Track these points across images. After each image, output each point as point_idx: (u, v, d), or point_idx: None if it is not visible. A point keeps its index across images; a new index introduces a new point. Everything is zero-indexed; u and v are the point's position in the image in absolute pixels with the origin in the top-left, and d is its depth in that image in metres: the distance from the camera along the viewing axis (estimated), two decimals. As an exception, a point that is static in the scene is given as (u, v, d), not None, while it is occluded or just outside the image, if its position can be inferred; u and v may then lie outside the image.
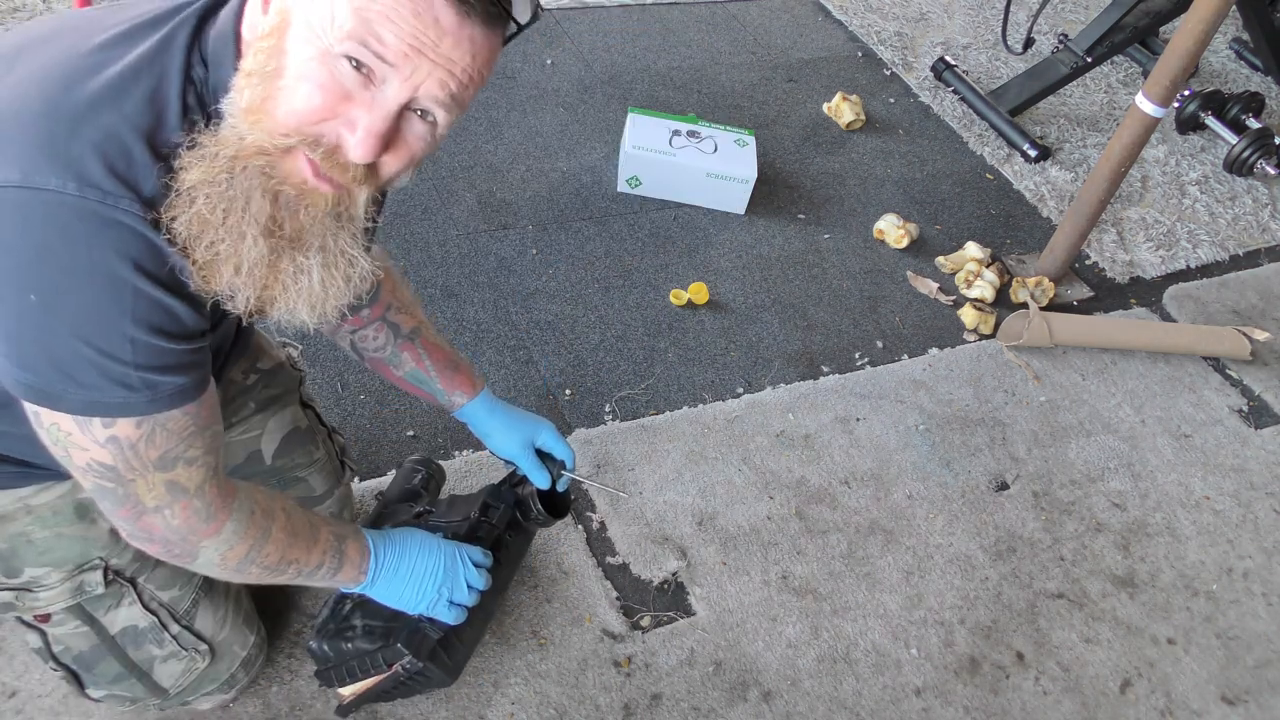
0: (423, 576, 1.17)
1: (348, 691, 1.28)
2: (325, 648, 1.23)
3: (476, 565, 1.23)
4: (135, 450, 0.85)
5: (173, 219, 0.77)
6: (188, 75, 0.80)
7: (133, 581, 1.14)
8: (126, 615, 1.15)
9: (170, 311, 0.80)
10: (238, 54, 0.80)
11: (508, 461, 1.36)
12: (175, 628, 1.19)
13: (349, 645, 1.22)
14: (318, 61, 0.75)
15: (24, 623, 1.14)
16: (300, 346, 1.48)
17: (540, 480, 1.33)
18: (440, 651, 1.22)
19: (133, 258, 0.76)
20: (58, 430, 0.83)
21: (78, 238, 0.75)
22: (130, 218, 0.75)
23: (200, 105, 0.81)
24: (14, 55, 0.80)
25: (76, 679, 1.19)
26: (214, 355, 1.00)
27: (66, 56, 0.78)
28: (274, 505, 1.02)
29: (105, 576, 1.11)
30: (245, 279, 0.80)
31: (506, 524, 1.37)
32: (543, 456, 1.35)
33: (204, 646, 1.23)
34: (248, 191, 0.78)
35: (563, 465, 1.37)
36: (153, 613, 1.16)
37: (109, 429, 0.83)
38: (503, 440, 1.32)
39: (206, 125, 0.79)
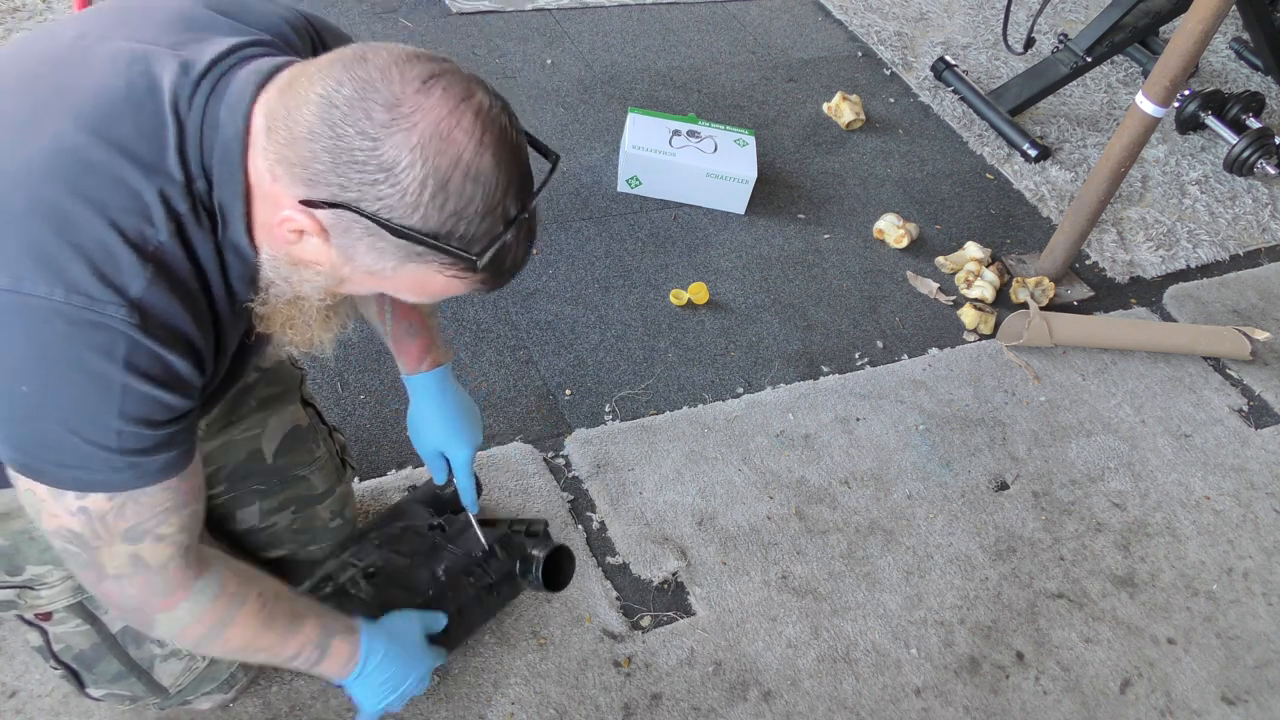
0: (399, 682, 1.17)
1: None
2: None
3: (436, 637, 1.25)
4: (104, 521, 0.86)
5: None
6: (189, 189, 0.81)
7: None
8: None
9: (159, 402, 0.82)
10: (246, 202, 0.82)
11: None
12: None
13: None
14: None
15: (25, 621, 1.14)
16: (300, 346, 1.47)
17: (437, 475, 1.33)
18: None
19: (121, 359, 0.78)
20: (32, 495, 0.85)
21: (67, 342, 0.77)
22: (117, 322, 0.77)
23: (194, 208, 0.81)
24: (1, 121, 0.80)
25: (76, 677, 1.19)
26: (225, 379, 1.02)
27: (51, 147, 0.78)
28: (248, 590, 0.99)
29: None
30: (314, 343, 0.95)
31: (502, 575, 1.38)
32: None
33: None
34: (319, 311, 0.91)
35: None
36: None
37: (81, 500, 0.84)
38: (416, 429, 1.30)
39: (197, 221, 0.82)
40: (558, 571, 1.40)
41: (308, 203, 0.76)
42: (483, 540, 1.34)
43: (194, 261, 0.83)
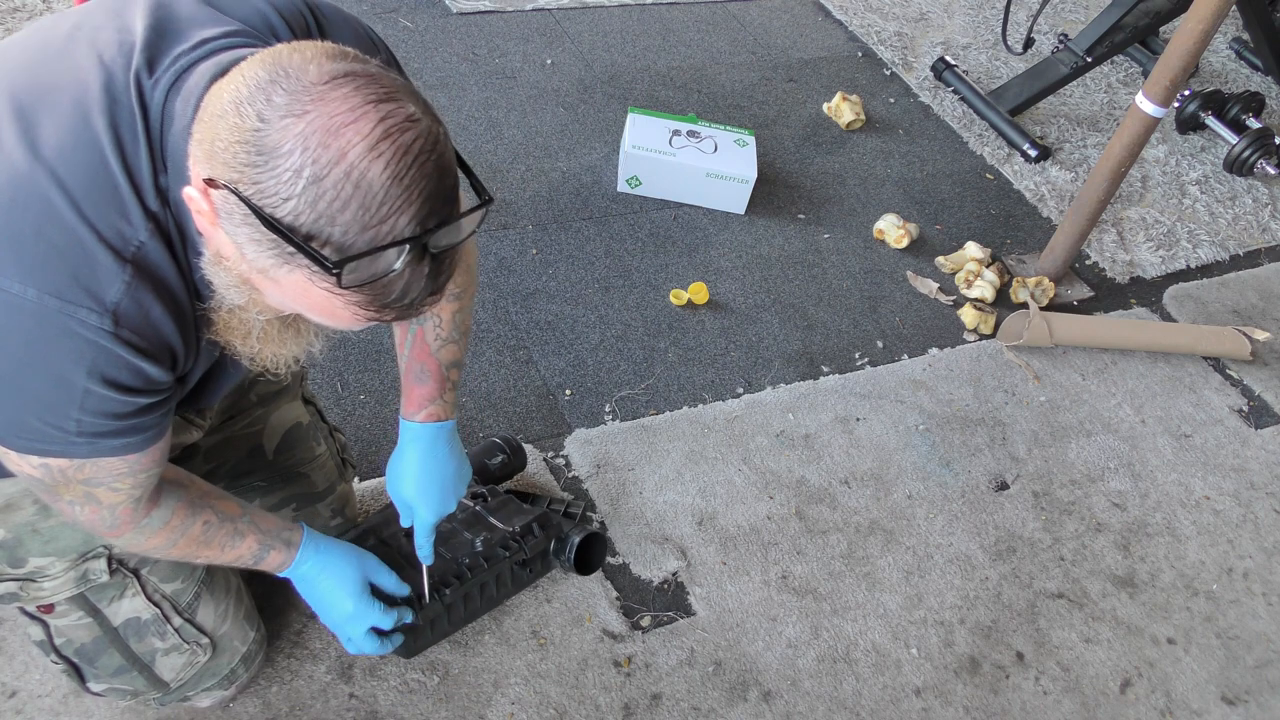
0: (323, 606, 1.22)
1: None
2: None
3: (389, 597, 1.25)
4: (64, 474, 0.89)
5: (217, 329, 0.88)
6: (156, 184, 0.80)
7: (136, 573, 1.15)
8: (130, 607, 1.16)
9: (122, 401, 0.83)
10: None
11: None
12: (178, 620, 1.19)
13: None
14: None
15: (27, 614, 1.15)
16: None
17: (403, 519, 1.29)
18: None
19: (86, 366, 0.79)
20: None
21: (33, 339, 0.77)
22: (86, 328, 0.78)
23: (164, 206, 0.81)
24: None
25: (78, 672, 1.20)
26: (204, 383, 1.02)
27: (34, 140, 0.78)
28: (193, 521, 1.04)
29: (109, 565, 1.11)
30: (264, 358, 0.92)
31: (536, 553, 1.44)
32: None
33: (205, 640, 1.23)
34: (266, 326, 0.89)
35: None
36: (155, 604, 1.17)
37: (44, 460, 0.87)
38: (392, 476, 1.25)
39: (167, 216, 0.81)
40: (589, 555, 1.48)
41: (207, 182, 0.73)
42: (425, 590, 1.32)
43: (174, 258, 0.82)
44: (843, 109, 2.71)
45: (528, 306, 2.03)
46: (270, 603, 1.43)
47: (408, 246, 0.72)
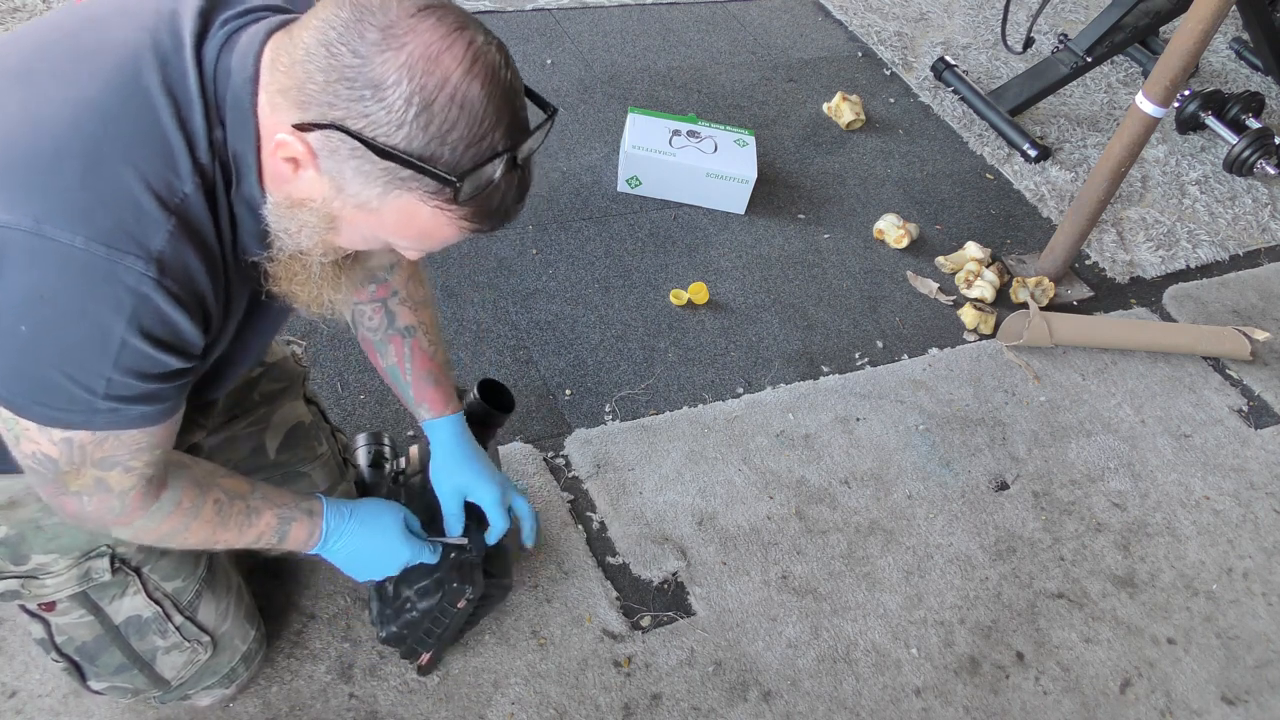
0: (370, 560, 1.19)
1: (427, 654, 1.35)
2: (395, 629, 1.28)
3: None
4: (84, 450, 0.88)
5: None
6: (210, 138, 0.82)
7: (138, 571, 1.15)
8: (131, 605, 1.16)
9: (155, 359, 0.83)
10: (257, 150, 0.82)
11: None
12: (179, 618, 1.20)
13: (414, 614, 1.27)
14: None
15: (28, 612, 1.15)
16: (304, 344, 1.48)
17: (454, 527, 1.27)
18: (485, 571, 1.30)
19: (127, 314, 0.79)
20: (15, 423, 0.86)
21: (78, 289, 0.77)
22: (133, 276, 0.78)
23: (214, 159, 0.82)
24: (24, 79, 0.81)
25: (78, 670, 1.20)
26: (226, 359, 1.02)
27: (78, 93, 0.79)
28: (204, 499, 1.02)
29: (112, 564, 1.11)
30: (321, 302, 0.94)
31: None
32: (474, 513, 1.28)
33: (206, 638, 1.23)
34: (324, 269, 0.92)
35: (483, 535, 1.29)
36: (157, 603, 1.17)
37: (65, 433, 0.86)
38: (440, 474, 1.26)
39: (216, 172, 0.82)
40: (499, 396, 1.37)
41: (299, 126, 0.76)
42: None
43: (214, 215, 0.84)
44: (843, 109, 2.71)
45: (528, 306, 2.03)
46: (270, 603, 1.44)
47: (504, 157, 0.79)
